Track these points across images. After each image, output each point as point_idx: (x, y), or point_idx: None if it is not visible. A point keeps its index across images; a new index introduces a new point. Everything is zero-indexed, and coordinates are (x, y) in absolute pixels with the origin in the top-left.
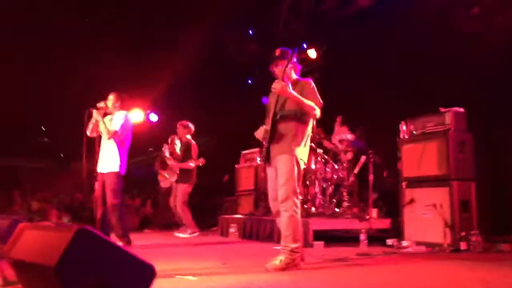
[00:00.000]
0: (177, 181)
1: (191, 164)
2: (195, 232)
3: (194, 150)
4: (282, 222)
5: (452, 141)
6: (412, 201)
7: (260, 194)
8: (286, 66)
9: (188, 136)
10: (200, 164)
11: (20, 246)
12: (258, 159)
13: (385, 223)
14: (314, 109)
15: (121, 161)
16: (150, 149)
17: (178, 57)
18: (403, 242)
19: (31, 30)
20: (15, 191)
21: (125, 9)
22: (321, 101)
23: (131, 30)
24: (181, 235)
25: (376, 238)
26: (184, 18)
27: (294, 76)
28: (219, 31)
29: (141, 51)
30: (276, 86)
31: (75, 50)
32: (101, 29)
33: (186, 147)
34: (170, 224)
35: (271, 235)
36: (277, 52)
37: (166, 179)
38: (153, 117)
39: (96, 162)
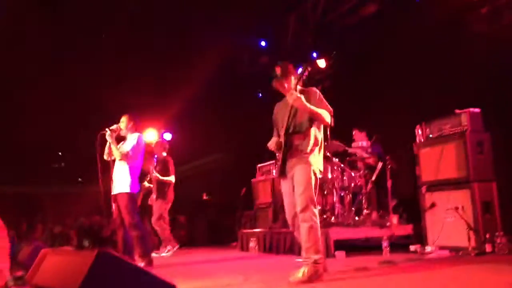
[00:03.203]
0: (156, 198)
1: (171, 179)
2: (174, 247)
3: (171, 166)
4: (302, 233)
5: (470, 142)
6: (433, 205)
7: (278, 207)
8: (299, 79)
9: (164, 154)
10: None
11: (42, 272)
12: (274, 171)
13: (407, 229)
14: (327, 117)
15: (132, 181)
16: None
17: (191, 75)
18: (426, 247)
19: (43, 55)
20: (36, 218)
21: (137, 30)
22: (330, 108)
23: (144, 50)
24: (163, 254)
25: (399, 245)
26: (195, 36)
27: (298, 87)
28: (230, 47)
29: (153, 71)
30: (290, 98)
31: (88, 73)
32: (115, 50)
33: (163, 164)
34: (184, 241)
35: (292, 248)
36: (278, 70)
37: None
38: (167, 136)
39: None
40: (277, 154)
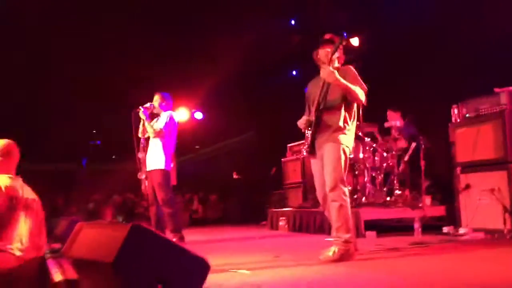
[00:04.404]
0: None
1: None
2: None
3: None
4: (332, 213)
5: (509, 122)
6: (468, 186)
7: (308, 187)
8: (333, 52)
9: None
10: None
11: (78, 245)
12: (304, 151)
13: (440, 211)
14: (361, 95)
15: (166, 158)
16: (197, 146)
17: (223, 54)
18: (460, 229)
19: (81, 35)
20: (72, 194)
21: (171, 10)
22: (365, 86)
23: (176, 31)
24: None
25: (431, 226)
26: (227, 16)
27: (336, 64)
28: (262, 25)
29: (186, 51)
30: (324, 72)
31: (124, 52)
32: (148, 30)
33: None
34: (217, 218)
35: (322, 227)
36: (327, 36)
37: None
38: (198, 115)
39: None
40: (306, 132)
